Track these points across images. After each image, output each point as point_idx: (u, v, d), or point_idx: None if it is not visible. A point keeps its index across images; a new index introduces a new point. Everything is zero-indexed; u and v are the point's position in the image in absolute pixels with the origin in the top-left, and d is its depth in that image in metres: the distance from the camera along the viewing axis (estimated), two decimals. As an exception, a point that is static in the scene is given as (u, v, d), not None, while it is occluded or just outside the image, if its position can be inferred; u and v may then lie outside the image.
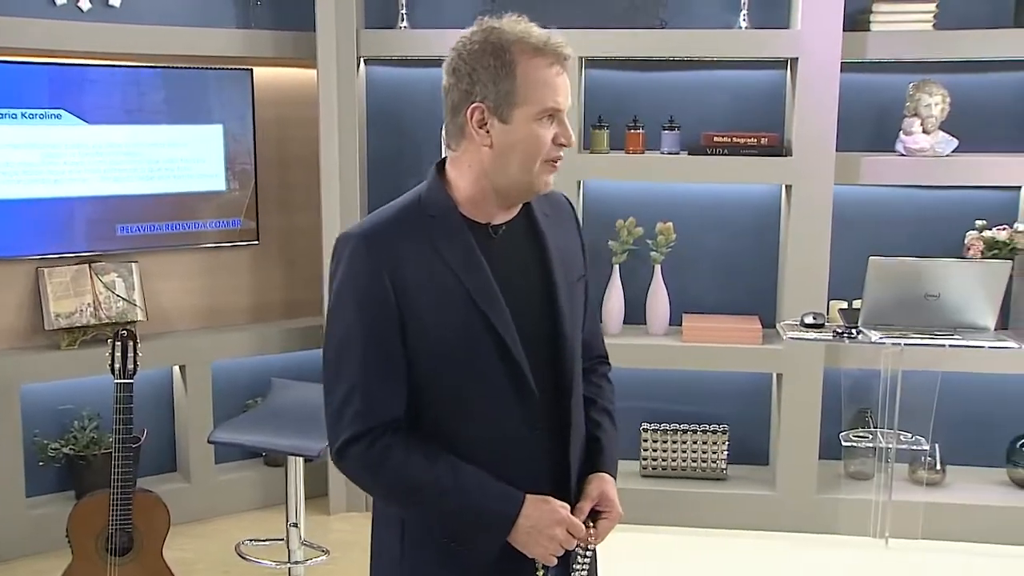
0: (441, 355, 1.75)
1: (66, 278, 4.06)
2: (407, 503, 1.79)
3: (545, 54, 1.73)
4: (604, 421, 1.97)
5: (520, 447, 1.79)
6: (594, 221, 4.38)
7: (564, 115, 1.76)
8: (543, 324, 1.82)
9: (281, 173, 4.55)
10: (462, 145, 1.78)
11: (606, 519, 1.86)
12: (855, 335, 3.05)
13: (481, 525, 1.75)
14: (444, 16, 4.37)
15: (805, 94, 4.03)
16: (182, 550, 3.90)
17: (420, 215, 1.78)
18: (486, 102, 1.72)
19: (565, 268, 1.87)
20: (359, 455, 1.74)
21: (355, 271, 1.74)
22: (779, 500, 4.20)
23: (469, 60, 1.73)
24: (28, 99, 3.93)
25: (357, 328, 1.74)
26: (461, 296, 1.74)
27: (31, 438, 4.05)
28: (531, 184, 1.77)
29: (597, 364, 2.05)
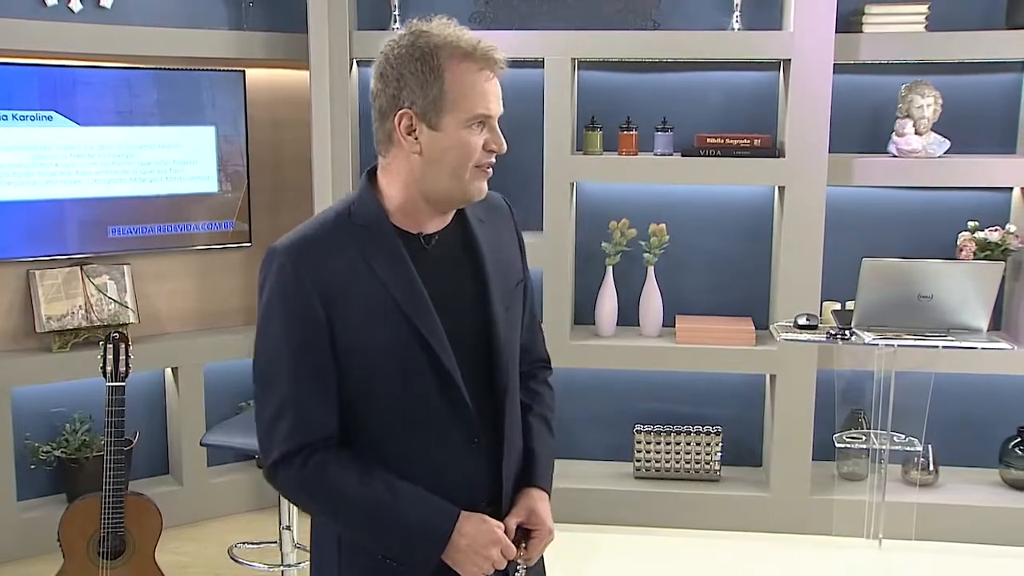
0: (374, 370, 1.72)
1: (57, 280, 4.05)
2: (342, 520, 1.76)
3: (474, 59, 1.69)
4: (540, 429, 1.92)
5: (456, 460, 1.76)
6: (587, 222, 4.38)
7: (495, 121, 1.73)
8: (478, 336, 1.78)
9: (274, 175, 4.54)
10: (391, 152, 1.74)
11: (536, 539, 1.82)
12: (848, 336, 3.05)
13: (416, 542, 1.71)
14: (437, 16, 4.35)
15: (798, 95, 4.03)
16: (175, 553, 3.89)
17: (350, 226, 1.73)
18: (414, 108, 1.68)
19: (502, 275, 1.83)
20: (293, 474, 1.70)
21: (283, 286, 1.70)
22: (773, 501, 4.20)
23: (397, 65, 1.69)
24: (19, 100, 3.91)
25: (287, 344, 1.70)
26: (392, 310, 1.70)
27: (22, 441, 4.03)
28: (463, 192, 1.74)
29: (537, 369, 2.01)
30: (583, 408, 4.52)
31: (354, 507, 1.71)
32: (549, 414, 1.97)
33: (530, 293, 1.95)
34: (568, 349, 4.25)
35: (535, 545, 1.82)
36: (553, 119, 4.14)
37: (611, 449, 4.51)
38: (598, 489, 4.30)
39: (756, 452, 4.46)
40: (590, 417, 4.52)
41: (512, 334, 1.84)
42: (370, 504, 1.70)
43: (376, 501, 1.70)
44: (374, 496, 1.70)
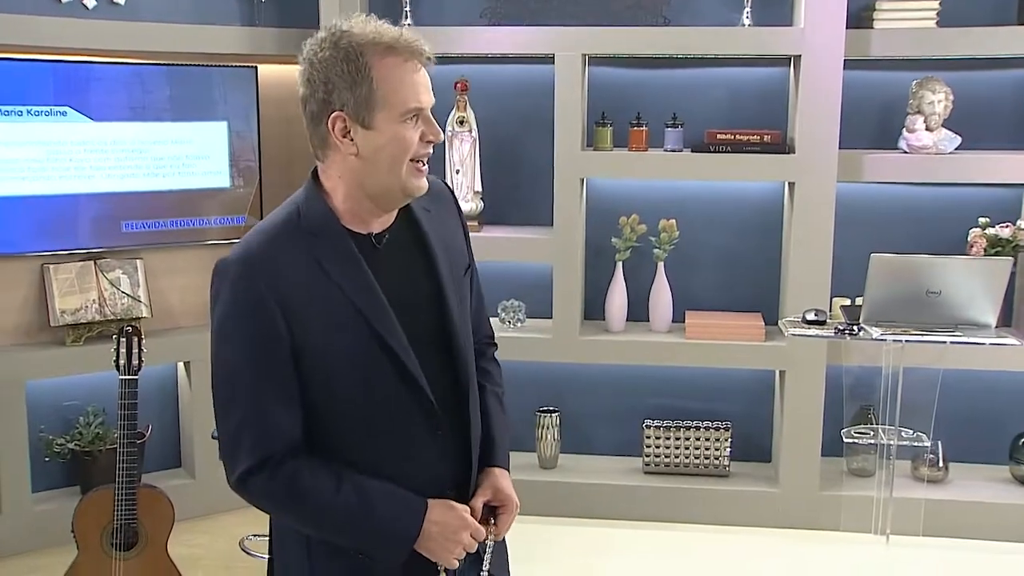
0: (335, 375, 1.72)
1: (71, 275, 4.08)
2: (312, 526, 1.76)
3: (399, 52, 1.67)
4: (494, 408, 1.94)
5: (423, 454, 1.77)
6: (597, 218, 4.39)
7: (428, 112, 1.72)
8: (435, 332, 1.80)
9: (285, 170, 4.56)
10: (328, 156, 1.73)
11: (504, 513, 1.86)
12: (856, 332, 3.05)
13: (387, 538, 1.73)
14: (447, 13, 4.38)
15: (808, 92, 4.03)
16: (187, 545, 3.92)
17: (300, 231, 1.72)
18: (346, 110, 1.67)
19: (452, 266, 1.85)
20: (261, 485, 1.70)
21: (238, 297, 1.68)
22: (781, 497, 4.21)
23: (322, 68, 1.67)
24: (33, 96, 3.94)
25: (246, 358, 1.69)
26: (351, 315, 1.70)
27: (37, 434, 4.07)
28: (402, 188, 1.73)
29: (485, 346, 2.03)
30: (592, 403, 4.54)
31: (324, 513, 1.72)
32: (500, 391, 2.00)
33: (476, 277, 1.96)
34: (578, 344, 4.26)
35: (503, 520, 1.86)
36: (563, 115, 4.15)
37: (620, 444, 4.53)
38: (607, 484, 4.31)
39: (765, 448, 4.46)
40: (599, 412, 4.54)
41: (466, 325, 1.86)
42: (340, 508, 1.71)
43: (345, 505, 1.70)
44: (343, 500, 1.70)
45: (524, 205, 4.47)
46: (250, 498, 1.75)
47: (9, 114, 3.91)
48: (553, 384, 4.52)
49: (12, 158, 3.93)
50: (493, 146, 4.40)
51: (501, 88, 4.41)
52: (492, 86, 4.38)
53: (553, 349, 4.28)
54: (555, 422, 4.39)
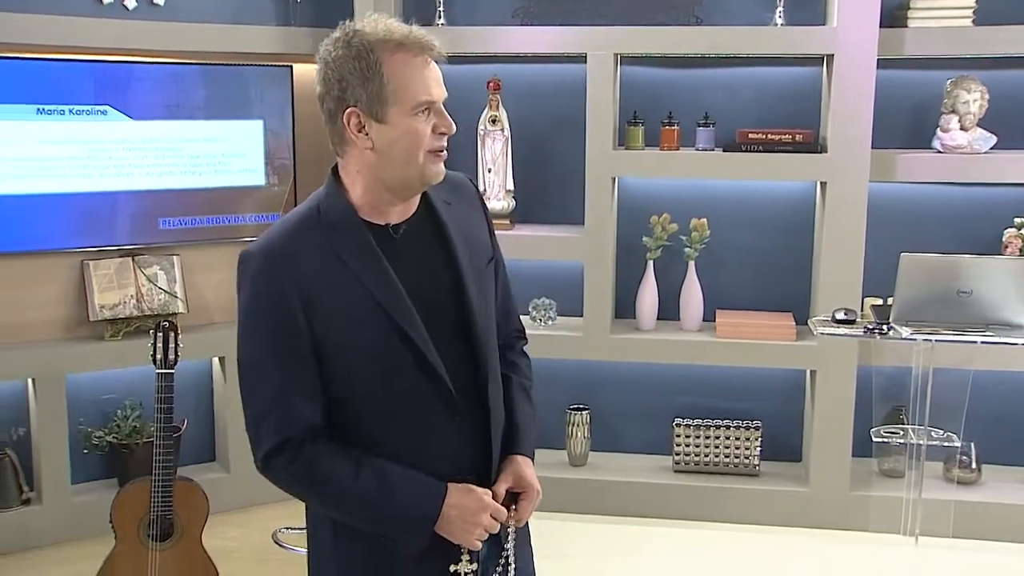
0: (355, 365, 1.76)
1: (110, 271, 4.16)
2: (334, 509, 1.82)
3: (408, 48, 1.72)
4: (520, 399, 1.98)
5: (442, 440, 1.81)
6: (628, 217, 4.40)
7: (440, 105, 1.77)
8: (454, 319, 1.83)
9: (319, 168, 4.56)
10: (346, 151, 1.79)
11: (524, 499, 1.90)
12: (886, 331, 3.04)
13: (407, 522, 1.77)
14: (480, 13, 4.41)
15: (841, 91, 4.02)
16: (221, 538, 3.97)
17: (320, 225, 1.77)
18: (360, 106, 1.73)
19: (472, 255, 1.88)
20: (283, 466, 1.76)
21: (261, 289, 1.75)
22: (812, 497, 4.20)
23: (336, 67, 1.74)
24: (75, 96, 4.02)
25: (269, 346, 1.75)
26: (371, 307, 1.74)
27: (76, 426, 4.15)
28: (420, 177, 1.78)
29: (513, 340, 2.06)
30: (623, 401, 4.55)
31: (345, 496, 1.77)
32: (528, 383, 2.03)
33: (502, 269, 2.00)
34: (608, 342, 4.28)
35: (524, 506, 1.89)
36: (595, 114, 4.16)
37: (650, 442, 4.54)
38: (637, 482, 4.33)
39: (795, 447, 4.46)
40: (630, 410, 4.55)
41: (487, 315, 1.89)
42: (360, 492, 1.76)
43: (366, 489, 1.75)
44: (364, 484, 1.75)
45: (556, 204, 4.49)
46: (274, 480, 1.80)
47: (51, 113, 3.99)
48: (583, 382, 4.54)
49: (54, 156, 4.01)
50: (525, 145, 4.42)
51: (533, 87, 4.43)
52: (524, 85, 4.41)
53: (584, 347, 4.30)
54: (585, 420, 4.41)
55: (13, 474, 4.05)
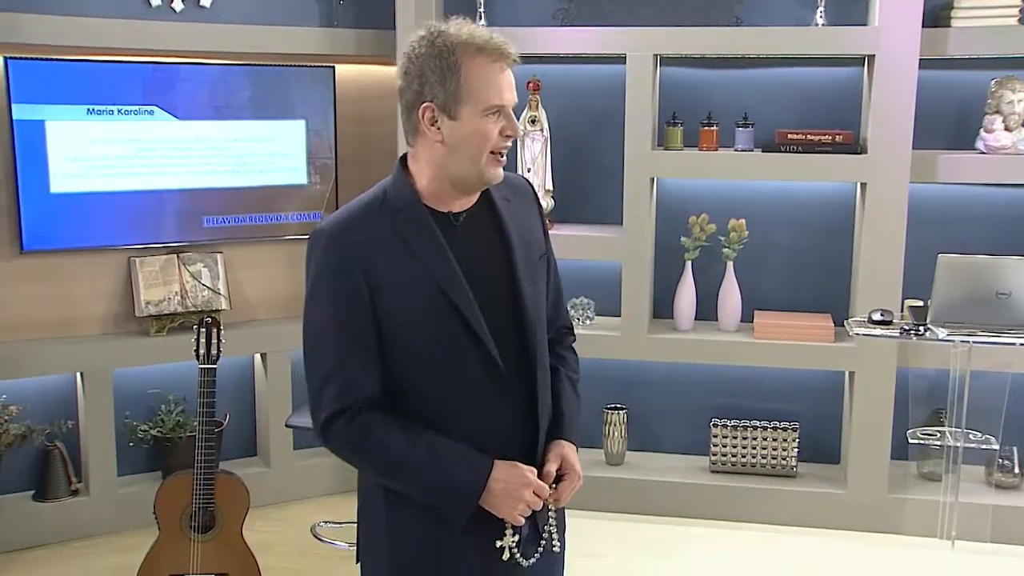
0: (413, 339, 1.87)
1: (155, 267, 4.24)
2: (386, 475, 1.92)
3: (488, 53, 1.83)
4: (567, 390, 2.08)
5: (491, 417, 1.91)
6: (667, 217, 4.41)
7: (509, 109, 1.88)
8: (506, 302, 1.94)
9: (360, 167, 4.66)
10: (418, 141, 1.90)
11: (566, 481, 1.97)
12: (922, 332, 3.02)
13: (454, 493, 1.87)
14: (521, 14, 4.44)
15: (882, 91, 3.99)
16: (261, 532, 4.04)
17: (385, 208, 1.89)
18: (435, 101, 1.84)
19: (525, 248, 1.98)
20: (341, 431, 1.86)
21: (329, 265, 1.86)
22: (849, 499, 4.17)
23: (418, 63, 1.85)
24: (123, 96, 4.11)
25: (333, 316, 1.86)
26: (429, 285, 1.85)
27: (122, 420, 4.24)
28: (480, 176, 1.89)
29: (562, 335, 2.17)
30: (660, 401, 4.56)
31: (397, 463, 1.87)
32: (575, 376, 2.13)
33: (553, 267, 2.11)
34: (646, 342, 4.29)
35: (565, 487, 1.97)
36: (634, 115, 4.17)
37: (687, 442, 4.54)
38: (674, 482, 4.33)
39: (834, 449, 4.43)
40: (667, 410, 4.56)
41: (537, 301, 1.99)
42: (411, 460, 1.86)
43: (417, 457, 1.86)
44: (415, 452, 1.86)
45: (594, 204, 4.51)
46: (330, 445, 1.91)
47: (101, 113, 4.08)
48: (621, 381, 4.55)
49: (103, 155, 4.10)
50: (564, 145, 4.44)
51: (573, 88, 4.45)
52: (564, 86, 4.43)
53: (621, 347, 4.31)
54: (622, 419, 4.43)
55: (62, 466, 4.15)
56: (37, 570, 3.88)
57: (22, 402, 4.04)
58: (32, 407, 4.09)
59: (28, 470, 4.17)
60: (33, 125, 3.97)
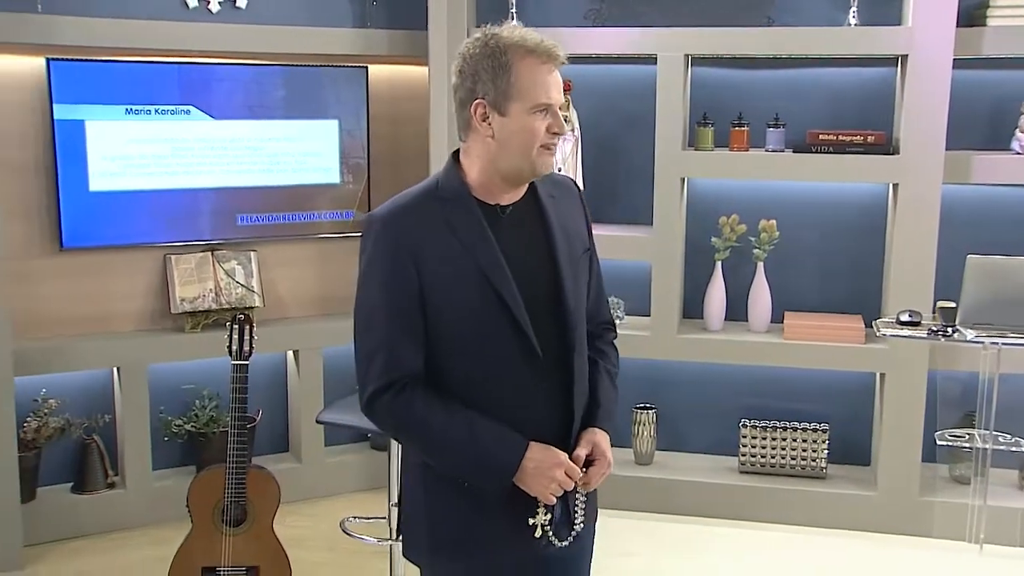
0: (456, 325, 1.98)
1: (191, 265, 4.31)
2: (425, 449, 2.03)
3: (538, 55, 1.95)
4: (605, 382, 2.16)
5: (527, 401, 2.01)
6: (697, 218, 4.41)
7: (556, 108, 1.98)
8: (547, 291, 2.03)
9: (392, 167, 4.70)
10: (470, 136, 2.02)
11: (596, 466, 2.06)
12: (950, 334, 3.00)
13: (490, 468, 1.98)
14: (553, 15, 4.46)
15: (915, 92, 3.97)
16: (292, 527, 4.09)
17: (436, 198, 2.01)
18: (487, 98, 1.95)
19: (568, 242, 2.08)
20: (385, 404, 1.97)
21: (380, 251, 1.98)
22: (880, 501, 4.15)
23: (472, 62, 1.97)
24: (160, 96, 4.18)
25: (382, 297, 1.97)
26: (473, 270, 1.96)
27: (157, 415, 4.31)
28: (531, 167, 2.00)
29: (603, 331, 2.25)
30: (689, 401, 4.56)
31: (437, 437, 1.98)
32: (613, 369, 2.22)
33: (596, 263, 2.20)
34: (676, 342, 4.29)
35: (594, 471, 2.06)
36: (665, 115, 4.18)
37: (716, 443, 4.54)
38: (702, 482, 4.33)
39: (864, 451, 4.41)
40: (696, 410, 4.56)
41: (578, 293, 2.08)
42: (450, 436, 1.97)
43: (456, 433, 1.96)
44: (454, 428, 1.96)
45: (625, 204, 4.52)
46: (375, 417, 2.01)
47: (139, 113, 4.16)
48: (650, 381, 4.55)
49: (140, 154, 4.17)
50: (595, 145, 4.46)
51: (604, 88, 4.47)
52: (595, 86, 4.44)
53: (651, 346, 4.31)
54: (651, 419, 4.43)
55: (99, 459, 4.23)
56: (75, 560, 3.96)
57: (61, 396, 4.13)
58: (71, 401, 4.18)
59: (67, 463, 4.25)
60: (73, 125, 4.05)
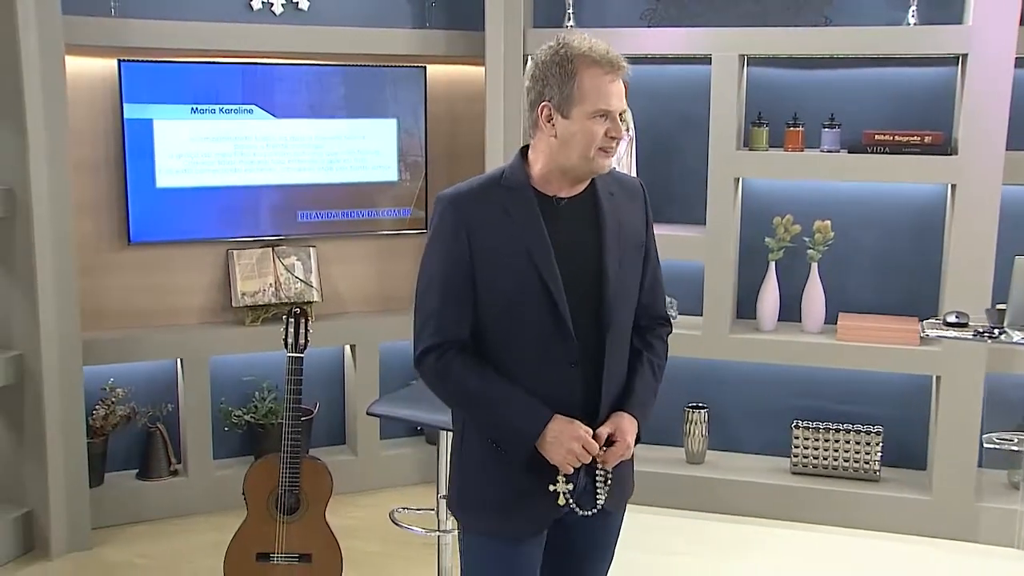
0: (500, 297, 2.15)
1: (252, 260, 4.43)
2: (462, 406, 2.24)
3: (602, 65, 2.10)
4: (644, 370, 2.29)
5: (558, 378, 2.17)
6: (751, 218, 4.40)
7: (615, 114, 2.13)
8: (592, 279, 2.19)
9: (449, 165, 4.77)
10: (536, 135, 2.19)
11: (614, 447, 2.19)
12: (996, 335, 2.95)
13: (516, 431, 2.16)
14: (609, 15, 4.48)
15: (974, 91, 3.92)
16: (346, 517, 4.18)
17: (499, 185, 2.20)
18: (552, 102, 2.12)
19: (620, 236, 2.22)
20: (431, 363, 2.19)
21: (443, 227, 2.18)
22: (934, 506, 4.11)
23: (542, 68, 2.14)
24: (224, 96, 4.31)
25: (440, 270, 2.18)
26: (521, 253, 2.14)
27: (218, 405, 4.44)
28: (588, 166, 2.15)
29: (656, 325, 2.37)
30: (742, 401, 4.55)
31: (471, 398, 2.19)
32: (658, 360, 2.34)
33: (653, 260, 2.34)
34: (728, 342, 4.30)
35: (611, 452, 2.20)
36: (719, 115, 4.18)
37: (768, 443, 4.52)
38: (754, 482, 4.33)
39: (919, 454, 4.36)
40: (748, 410, 4.55)
41: (623, 283, 2.22)
42: (483, 398, 2.17)
43: (488, 396, 2.16)
44: (487, 392, 2.16)
45: (679, 204, 4.52)
46: (421, 373, 2.22)
47: (204, 112, 4.29)
48: (702, 380, 4.56)
49: (205, 152, 4.30)
50: (650, 145, 4.48)
51: (659, 88, 4.48)
52: (650, 86, 4.46)
53: (703, 346, 4.32)
54: (703, 418, 4.44)
55: (163, 447, 4.37)
56: (139, 543, 4.11)
57: (128, 385, 4.29)
58: (136, 391, 4.33)
59: (132, 450, 4.41)
60: (142, 124, 4.20)
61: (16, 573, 3.85)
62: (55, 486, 3.92)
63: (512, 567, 2.26)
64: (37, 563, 3.92)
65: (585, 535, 2.31)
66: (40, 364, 3.85)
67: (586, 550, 2.34)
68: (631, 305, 2.27)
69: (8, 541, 3.89)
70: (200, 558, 3.97)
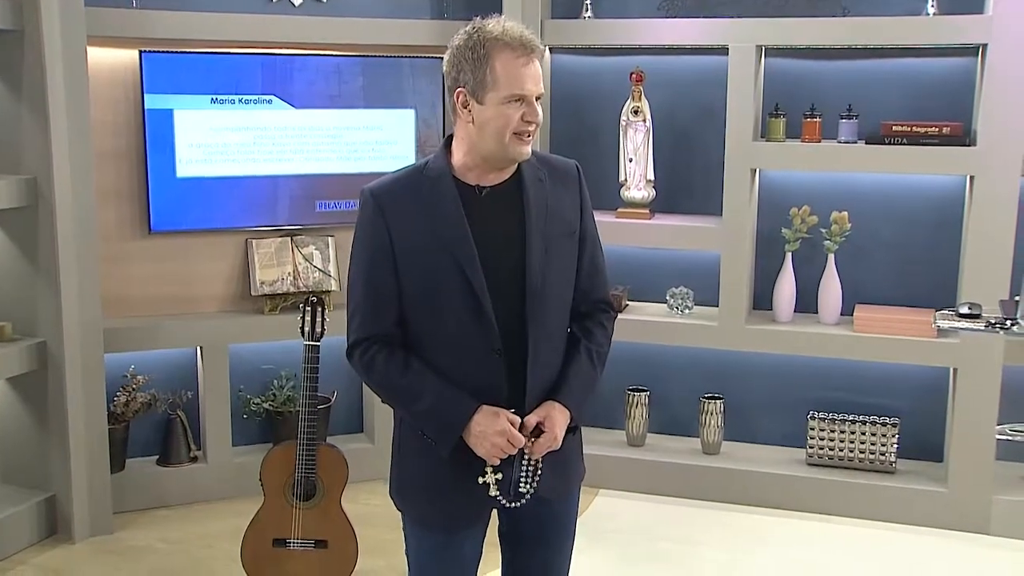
0: (421, 288, 2.16)
1: (271, 249, 4.47)
2: (389, 400, 2.27)
3: (515, 49, 2.08)
4: (580, 358, 2.27)
5: (481, 368, 2.17)
6: (768, 209, 4.40)
7: (532, 98, 2.10)
8: (514, 266, 2.17)
9: (468, 156, 4.77)
10: (456, 122, 2.17)
11: (542, 438, 2.18)
12: (1008, 327, 2.93)
13: (441, 425, 2.17)
14: (626, 6, 4.48)
15: (994, 82, 3.89)
16: (363, 504, 4.21)
17: (422, 176, 2.19)
18: (467, 87, 2.10)
19: (548, 223, 2.20)
20: (357, 357, 2.22)
21: (364, 219, 2.20)
22: (950, 498, 4.10)
23: (457, 54, 2.13)
24: (244, 86, 4.34)
25: (362, 263, 2.20)
26: (440, 244, 2.13)
27: (237, 393, 4.49)
28: (505, 153, 2.13)
29: (597, 311, 2.34)
30: (758, 392, 4.55)
31: (396, 392, 2.21)
32: (596, 348, 2.30)
33: (590, 244, 2.30)
34: (744, 333, 4.30)
35: (538, 444, 2.18)
36: (736, 106, 4.18)
37: (784, 434, 4.53)
38: (769, 473, 4.33)
39: (935, 446, 4.35)
40: (764, 401, 4.55)
41: (548, 270, 2.19)
42: (408, 392, 2.18)
43: (413, 390, 2.17)
44: (412, 386, 2.17)
45: (696, 194, 4.53)
46: (353, 366, 2.25)
47: (223, 102, 4.32)
48: (718, 371, 4.56)
49: (225, 142, 4.34)
50: (667, 136, 4.48)
51: (676, 79, 4.48)
52: (667, 77, 4.46)
53: (718, 336, 4.33)
54: (719, 409, 4.44)
55: (183, 434, 4.43)
56: (159, 528, 4.17)
57: (148, 373, 4.33)
58: (157, 378, 4.38)
59: (153, 437, 4.47)
60: (163, 114, 4.24)
61: (40, 556, 3.92)
62: (77, 471, 3.98)
63: (446, 556, 2.28)
64: (60, 546, 3.99)
65: (532, 523, 2.31)
66: (62, 351, 3.90)
67: (537, 537, 2.34)
68: (562, 292, 2.25)
69: (32, 525, 3.96)
70: (219, 543, 4.02)
